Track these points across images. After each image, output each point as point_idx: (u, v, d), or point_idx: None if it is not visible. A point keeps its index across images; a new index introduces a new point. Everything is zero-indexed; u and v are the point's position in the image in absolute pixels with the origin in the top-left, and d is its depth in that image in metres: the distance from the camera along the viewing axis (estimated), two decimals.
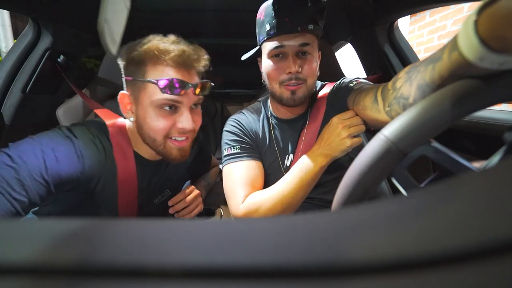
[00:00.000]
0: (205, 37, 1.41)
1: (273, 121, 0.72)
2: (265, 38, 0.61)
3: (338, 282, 0.12)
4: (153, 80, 0.49)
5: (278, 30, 0.59)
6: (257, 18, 0.64)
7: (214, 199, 0.86)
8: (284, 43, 0.59)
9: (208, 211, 0.78)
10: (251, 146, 0.68)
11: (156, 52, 0.49)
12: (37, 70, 0.85)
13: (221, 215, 0.77)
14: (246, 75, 2.28)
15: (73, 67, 0.97)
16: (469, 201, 0.15)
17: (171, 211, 0.66)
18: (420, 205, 0.15)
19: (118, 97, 0.55)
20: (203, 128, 1.76)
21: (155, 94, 0.50)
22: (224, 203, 0.83)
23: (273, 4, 0.59)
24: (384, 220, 0.14)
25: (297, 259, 0.12)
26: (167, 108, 0.51)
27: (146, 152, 0.60)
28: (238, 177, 0.63)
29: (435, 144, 0.27)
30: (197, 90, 0.53)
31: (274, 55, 0.62)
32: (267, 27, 0.60)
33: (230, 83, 2.32)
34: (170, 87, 0.49)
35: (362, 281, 0.12)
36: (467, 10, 2.06)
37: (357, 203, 0.28)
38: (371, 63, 1.04)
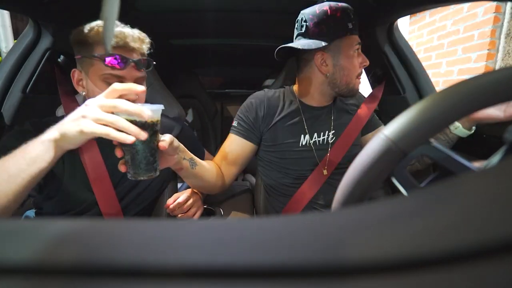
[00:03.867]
0: (205, 37, 1.41)
1: (302, 106, 0.78)
2: (347, 34, 0.68)
3: (338, 281, 0.12)
4: (97, 55, 0.56)
5: (356, 29, 0.69)
6: (329, 13, 0.68)
7: (214, 199, 0.86)
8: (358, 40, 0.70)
9: (208, 211, 0.78)
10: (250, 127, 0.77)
11: (101, 35, 0.55)
12: (37, 70, 0.85)
13: (221, 215, 0.77)
14: (246, 75, 2.29)
15: (73, 67, 0.96)
16: (469, 201, 0.15)
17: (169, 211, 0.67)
18: (420, 205, 0.15)
19: (71, 73, 0.61)
20: (203, 128, 1.78)
21: (102, 70, 0.56)
22: (224, 203, 0.83)
23: (349, 5, 0.70)
24: (384, 220, 0.14)
25: (297, 259, 0.12)
26: (112, 82, 0.56)
27: None
28: (228, 147, 0.76)
29: (436, 143, 0.27)
30: (138, 65, 0.58)
31: (356, 50, 0.71)
32: (350, 25, 0.68)
33: (230, 83, 2.32)
34: (112, 61, 0.55)
35: (362, 281, 0.12)
36: (467, 10, 2.06)
37: (357, 203, 0.28)
38: (371, 63, 1.04)
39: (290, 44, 0.71)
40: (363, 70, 0.75)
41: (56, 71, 0.88)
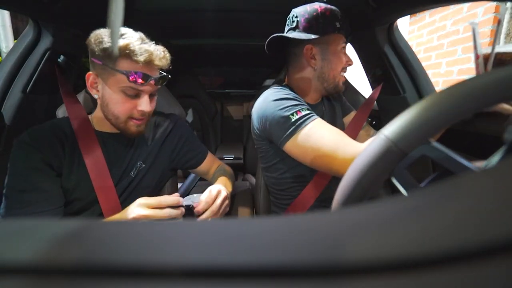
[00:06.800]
0: (205, 37, 1.41)
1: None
2: (335, 32, 0.72)
3: (337, 282, 0.12)
4: (124, 72, 0.58)
5: (343, 29, 0.73)
6: (319, 11, 0.71)
7: None
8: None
9: None
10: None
11: (127, 51, 0.58)
12: (38, 71, 0.85)
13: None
14: (246, 75, 2.29)
15: (73, 67, 0.96)
16: (469, 201, 0.15)
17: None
18: (420, 205, 0.15)
19: (86, 76, 0.63)
20: (203, 128, 1.78)
21: (123, 82, 0.59)
22: None
23: (334, 6, 0.73)
24: (384, 220, 0.14)
25: (297, 259, 0.13)
26: (131, 93, 0.61)
27: (108, 127, 0.67)
28: (332, 129, 0.63)
29: (435, 143, 0.27)
30: (157, 82, 0.63)
31: (342, 47, 0.75)
32: (337, 24, 0.72)
33: (230, 83, 2.32)
34: (136, 78, 0.59)
35: (362, 281, 0.12)
36: (467, 10, 2.06)
37: (357, 203, 0.28)
38: (371, 63, 1.04)
39: (281, 34, 0.75)
40: (347, 68, 0.78)
41: (57, 71, 0.88)
